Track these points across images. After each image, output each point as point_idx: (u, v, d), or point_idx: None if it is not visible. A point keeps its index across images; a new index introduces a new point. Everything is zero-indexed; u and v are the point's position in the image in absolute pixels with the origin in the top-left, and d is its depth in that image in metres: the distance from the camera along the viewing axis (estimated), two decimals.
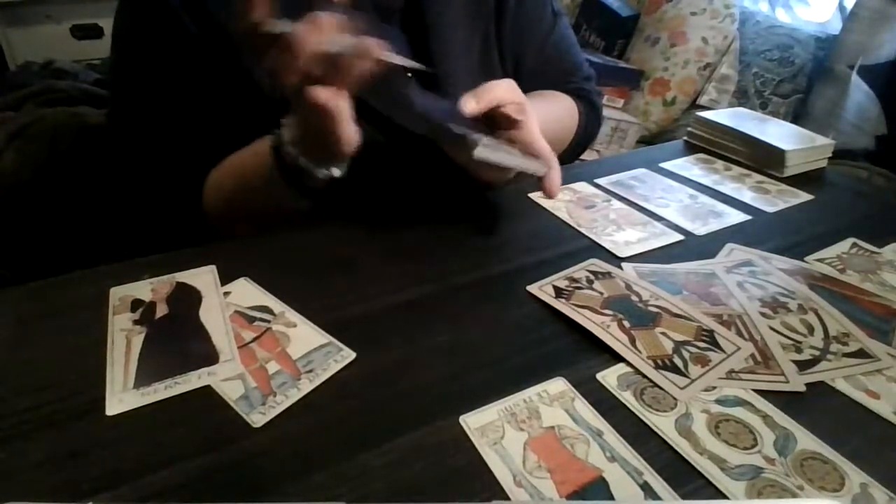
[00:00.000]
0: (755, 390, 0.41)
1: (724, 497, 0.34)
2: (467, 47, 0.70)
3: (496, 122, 0.55)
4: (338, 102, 0.46)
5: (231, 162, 0.60)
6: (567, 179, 0.71)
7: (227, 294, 0.48)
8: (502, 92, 0.54)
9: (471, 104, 0.51)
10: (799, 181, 0.74)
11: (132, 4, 0.59)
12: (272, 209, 0.58)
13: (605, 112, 0.95)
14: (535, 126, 0.56)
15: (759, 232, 0.62)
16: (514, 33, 0.75)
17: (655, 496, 0.33)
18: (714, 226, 0.62)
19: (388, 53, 0.46)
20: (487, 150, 0.50)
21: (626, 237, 0.59)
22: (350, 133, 0.48)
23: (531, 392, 0.40)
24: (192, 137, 0.60)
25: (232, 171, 0.60)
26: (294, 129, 0.52)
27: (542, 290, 0.50)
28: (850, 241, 0.60)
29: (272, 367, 0.41)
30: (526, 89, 0.77)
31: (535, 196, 0.66)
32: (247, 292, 0.48)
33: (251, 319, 0.46)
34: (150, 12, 0.58)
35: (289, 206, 0.57)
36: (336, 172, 0.54)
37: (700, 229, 0.61)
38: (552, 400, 0.39)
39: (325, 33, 0.44)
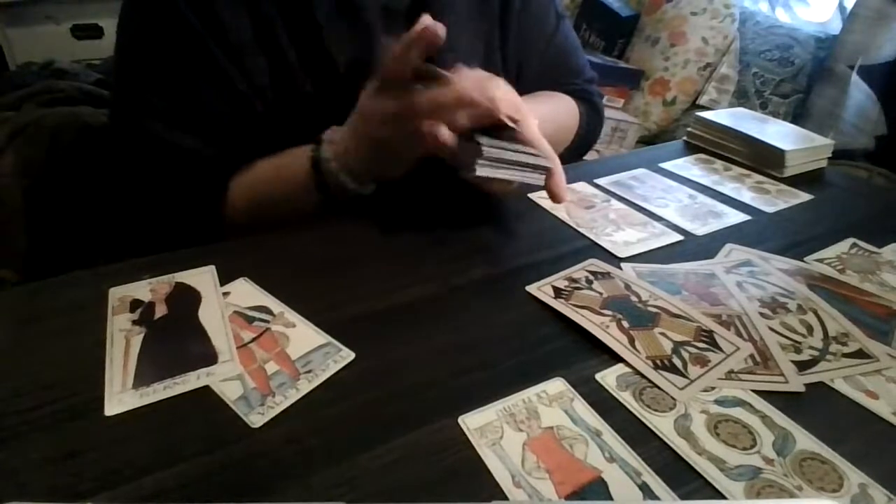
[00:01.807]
0: (754, 391, 0.41)
1: (723, 497, 0.34)
2: (471, 51, 0.70)
3: (493, 124, 0.55)
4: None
5: (260, 169, 0.62)
6: (567, 179, 0.70)
7: (226, 294, 0.48)
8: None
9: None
10: (799, 181, 0.74)
11: (137, 4, 0.59)
12: (291, 211, 0.59)
13: (606, 112, 0.95)
14: (532, 124, 0.56)
15: (758, 232, 0.62)
16: (518, 37, 0.75)
17: (654, 496, 0.33)
18: (713, 226, 0.62)
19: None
20: (487, 167, 0.50)
21: (626, 237, 0.59)
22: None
23: (530, 392, 0.40)
24: (196, 136, 0.60)
25: (264, 176, 0.62)
26: (359, 149, 0.55)
27: (541, 290, 0.50)
28: (850, 241, 0.60)
29: (271, 367, 0.41)
30: (528, 91, 0.77)
31: (535, 196, 0.66)
32: (246, 292, 0.49)
33: (250, 320, 0.46)
34: (156, 11, 0.58)
35: (308, 210, 0.59)
36: (367, 190, 0.58)
37: (700, 229, 0.61)
38: (551, 400, 0.39)
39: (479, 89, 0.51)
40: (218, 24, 0.58)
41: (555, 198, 0.54)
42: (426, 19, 0.49)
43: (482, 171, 0.50)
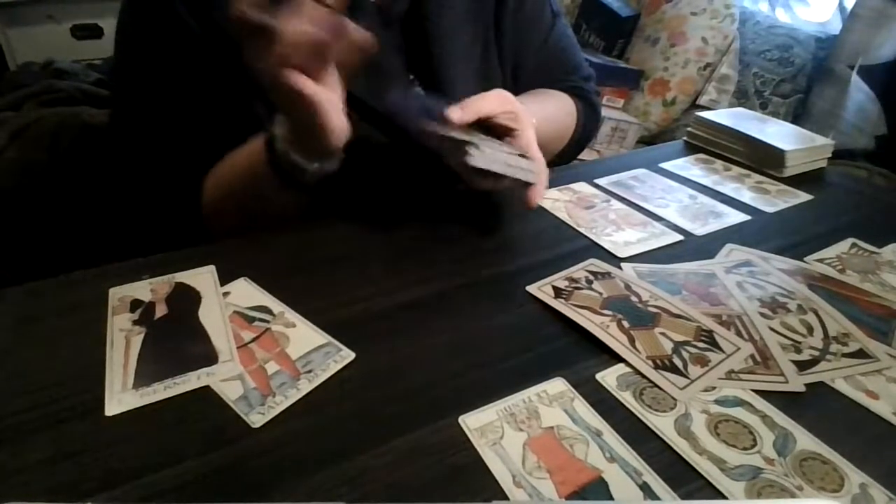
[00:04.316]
0: (754, 390, 0.41)
1: (724, 497, 0.34)
2: (468, 53, 0.71)
3: (492, 131, 0.55)
4: (317, 91, 0.45)
5: (227, 159, 0.60)
6: (567, 179, 0.71)
7: (226, 294, 0.48)
8: (491, 104, 0.54)
9: (456, 114, 0.51)
10: (799, 181, 0.74)
11: (136, 5, 0.60)
12: (263, 206, 0.58)
13: (605, 112, 0.95)
14: (530, 133, 0.56)
15: (758, 232, 0.62)
16: (514, 36, 0.75)
17: (655, 496, 0.33)
18: (714, 226, 0.62)
19: (360, 34, 0.45)
20: (481, 157, 0.50)
21: (626, 237, 0.59)
22: (337, 123, 0.47)
23: (530, 392, 0.40)
24: (194, 137, 0.60)
25: (227, 169, 0.60)
26: (283, 123, 0.52)
27: (541, 290, 0.50)
28: (850, 241, 0.60)
29: (271, 367, 0.41)
30: (525, 88, 0.77)
31: None
32: (246, 292, 0.48)
33: (250, 319, 0.46)
34: (154, 13, 0.58)
35: (279, 202, 0.57)
36: (328, 167, 0.54)
37: (700, 229, 0.61)
38: (551, 400, 0.39)
39: (305, 21, 0.43)
40: (216, 23, 0.58)
41: (527, 204, 0.55)
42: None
43: (474, 160, 0.50)
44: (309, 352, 0.43)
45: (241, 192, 0.59)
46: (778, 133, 0.79)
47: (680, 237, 0.60)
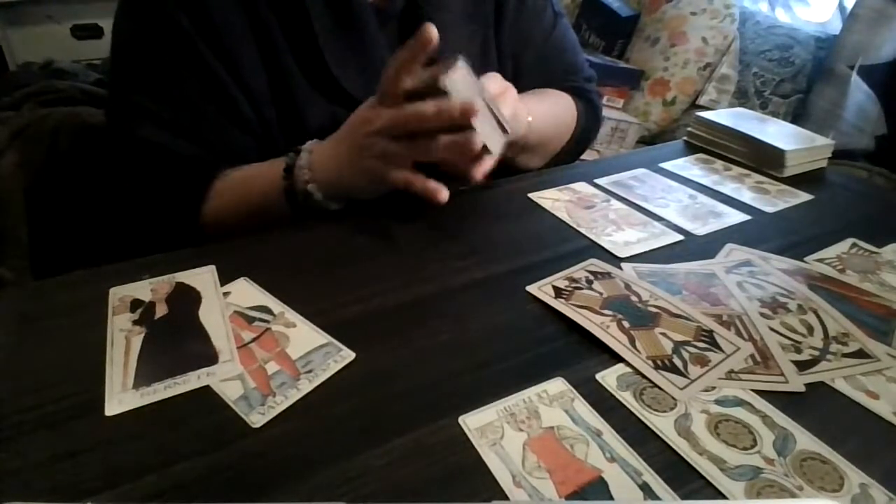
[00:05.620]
0: (754, 390, 0.41)
1: (724, 497, 0.34)
2: (466, 50, 0.71)
3: None
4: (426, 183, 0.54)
5: (244, 171, 0.62)
6: (567, 179, 0.71)
7: (226, 294, 0.48)
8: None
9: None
10: (799, 181, 0.74)
11: (130, 5, 0.60)
12: (268, 217, 0.59)
13: (605, 112, 0.95)
14: (510, 100, 0.58)
15: (758, 232, 0.62)
16: (514, 34, 0.75)
17: (655, 496, 0.33)
18: (714, 226, 0.62)
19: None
20: (458, 79, 0.51)
21: (626, 237, 0.59)
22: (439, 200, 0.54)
23: (531, 392, 0.40)
24: (183, 138, 0.60)
25: (243, 180, 0.62)
26: (339, 161, 0.56)
27: (541, 290, 0.50)
28: (850, 241, 0.60)
29: (271, 367, 0.41)
30: (525, 88, 0.77)
31: (535, 196, 0.66)
32: (246, 292, 0.49)
33: (251, 320, 0.46)
34: (147, 13, 0.58)
35: (280, 214, 0.59)
36: (334, 206, 0.58)
37: (700, 229, 0.61)
38: (551, 400, 0.39)
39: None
40: (210, 25, 0.58)
41: (471, 177, 0.55)
42: (425, 27, 0.49)
43: (452, 81, 0.51)
44: (309, 352, 0.43)
45: (248, 203, 0.61)
46: (778, 133, 0.79)
47: (680, 237, 0.60)
